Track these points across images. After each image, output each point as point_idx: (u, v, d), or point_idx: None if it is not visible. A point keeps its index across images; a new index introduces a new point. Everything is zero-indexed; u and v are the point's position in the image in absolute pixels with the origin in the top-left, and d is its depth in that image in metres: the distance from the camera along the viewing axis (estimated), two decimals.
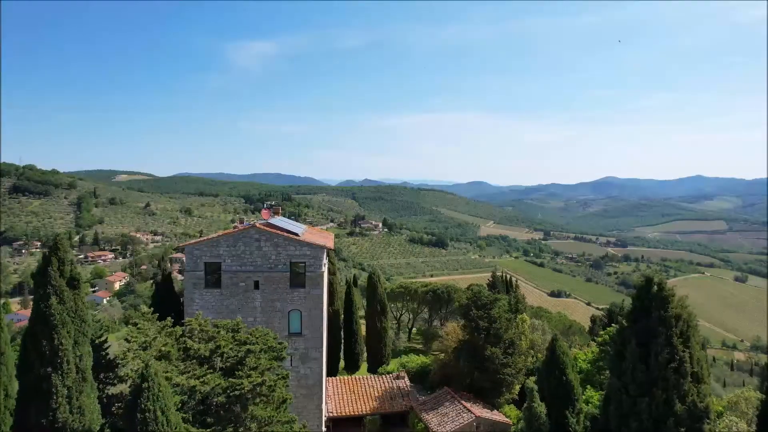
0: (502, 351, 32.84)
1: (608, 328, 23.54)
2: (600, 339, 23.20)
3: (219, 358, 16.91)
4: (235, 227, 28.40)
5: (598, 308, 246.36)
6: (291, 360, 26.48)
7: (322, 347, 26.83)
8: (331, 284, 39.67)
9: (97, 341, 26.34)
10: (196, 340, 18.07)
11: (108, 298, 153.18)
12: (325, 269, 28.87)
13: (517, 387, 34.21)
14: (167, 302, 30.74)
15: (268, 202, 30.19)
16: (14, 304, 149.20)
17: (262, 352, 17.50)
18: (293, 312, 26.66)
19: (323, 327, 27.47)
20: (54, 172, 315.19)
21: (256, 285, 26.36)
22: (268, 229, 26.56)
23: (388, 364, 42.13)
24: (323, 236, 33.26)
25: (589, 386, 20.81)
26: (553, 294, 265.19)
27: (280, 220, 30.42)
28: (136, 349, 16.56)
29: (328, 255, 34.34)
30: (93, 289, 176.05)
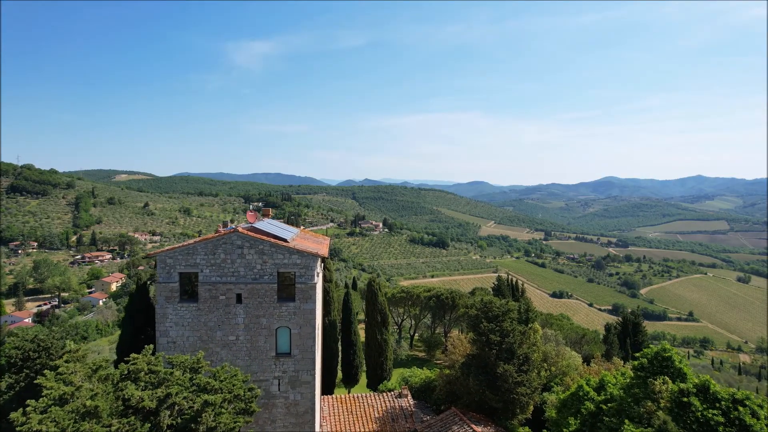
0: (516, 368, 29.69)
1: (645, 350, 20.20)
2: (636, 363, 19.70)
3: (168, 412, 13.20)
4: (216, 231, 25.14)
5: (600, 309, 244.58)
6: (279, 384, 23.27)
7: (314, 369, 23.55)
8: (326, 292, 36.52)
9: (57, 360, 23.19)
10: (142, 384, 14.18)
11: (104, 300, 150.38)
12: (318, 279, 25.67)
13: (531, 407, 31.13)
14: (143, 316, 27.57)
15: (255, 204, 26.88)
16: (8, 305, 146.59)
17: (225, 403, 13.89)
18: (281, 329, 23.35)
19: (316, 345, 24.24)
20: (52, 171, 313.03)
21: (239, 298, 23.01)
22: (252, 234, 23.27)
23: (389, 380, 38.98)
24: (317, 241, 30.03)
25: (627, 421, 17.53)
26: (555, 295, 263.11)
27: (267, 224, 27.16)
28: (49, 405, 12.31)
29: (323, 262, 31.14)
30: (89, 291, 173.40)
